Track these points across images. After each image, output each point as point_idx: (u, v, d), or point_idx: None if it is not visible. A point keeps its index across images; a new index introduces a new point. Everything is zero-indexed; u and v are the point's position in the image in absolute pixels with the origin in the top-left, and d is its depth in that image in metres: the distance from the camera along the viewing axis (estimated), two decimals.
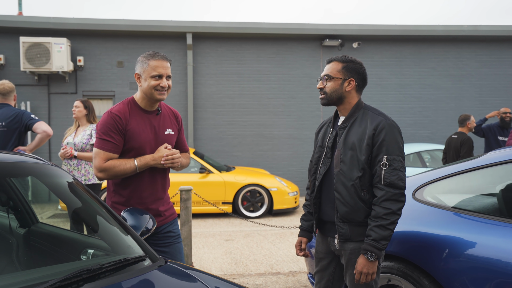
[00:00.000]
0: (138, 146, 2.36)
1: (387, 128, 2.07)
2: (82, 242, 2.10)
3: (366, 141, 2.07)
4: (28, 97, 9.49)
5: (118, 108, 2.38)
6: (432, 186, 2.61)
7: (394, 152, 2.04)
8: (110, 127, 2.31)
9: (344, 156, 2.11)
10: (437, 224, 2.49)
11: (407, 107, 10.71)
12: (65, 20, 9.36)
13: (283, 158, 10.27)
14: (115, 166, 2.30)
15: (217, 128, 10.14)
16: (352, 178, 2.08)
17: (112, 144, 2.31)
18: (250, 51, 10.22)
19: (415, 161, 8.48)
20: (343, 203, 2.10)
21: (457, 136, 6.20)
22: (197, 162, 7.86)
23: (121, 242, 1.76)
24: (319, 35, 10.15)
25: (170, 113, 2.58)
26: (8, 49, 9.45)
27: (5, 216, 2.39)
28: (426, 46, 10.70)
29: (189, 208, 3.95)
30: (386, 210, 2.00)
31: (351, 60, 2.22)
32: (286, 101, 10.29)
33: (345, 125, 2.18)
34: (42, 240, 2.27)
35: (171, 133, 2.51)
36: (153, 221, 2.14)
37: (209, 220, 7.56)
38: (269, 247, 5.72)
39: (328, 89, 2.20)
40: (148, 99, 2.40)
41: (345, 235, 2.12)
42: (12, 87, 4.39)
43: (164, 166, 2.38)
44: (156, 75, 2.34)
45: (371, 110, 2.20)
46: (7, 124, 4.17)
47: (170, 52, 9.94)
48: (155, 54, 2.37)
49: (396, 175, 2.02)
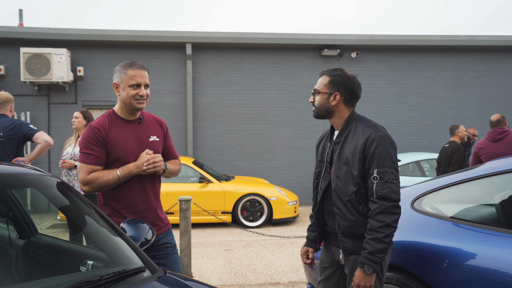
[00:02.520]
0: (122, 155, 2.37)
1: (378, 140, 2.04)
2: (82, 253, 2.10)
3: (358, 155, 2.06)
4: (28, 108, 9.51)
5: (97, 121, 2.41)
6: (431, 196, 2.62)
7: (386, 164, 2.02)
8: (91, 140, 2.34)
9: (339, 172, 2.12)
10: (436, 234, 2.49)
11: (406, 117, 10.74)
12: (65, 31, 9.42)
13: (283, 167, 10.27)
14: (98, 177, 2.31)
15: (216, 138, 10.16)
16: (347, 193, 2.08)
17: (94, 156, 2.33)
18: (249, 61, 10.27)
19: (414, 170, 8.49)
20: (342, 218, 2.10)
21: (449, 145, 6.32)
22: (197, 172, 7.86)
23: (120, 253, 1.77)
24: (318, 45, 10.22)
25: (153, 121, 2.59)
26: (8, 59, 9.49)
27: (4, 227, 2.39)
28: (424, 55, 10.76)
29: (189, 218, 3.94)
30: (380, 223, 1.99)
31: (339, 74, 2.18)
32: (285, 111, 10.33)
33: (339, 140, 2.18)
34: (42, 251, 2.27)
35: (156, 139, 2.52)
36: (153, 232, 2.14)
37: (208, 230, 7.54)
38: (269, 257, 5.71)
39: (316, 103, 2.22)
40: (127, 108, 2.43)
41: (348, 249, 2.12)
42: (9, 98, 4.39)
43: (148, 172, 2.38)
44: (134, 84, 2.36)
45: (363, 122, 2.17)
46: (5, 135, 4.17)
47: (169, 62, 10.00)
48: (133, 63, 2.40)
49: (388, 187, 2.00)
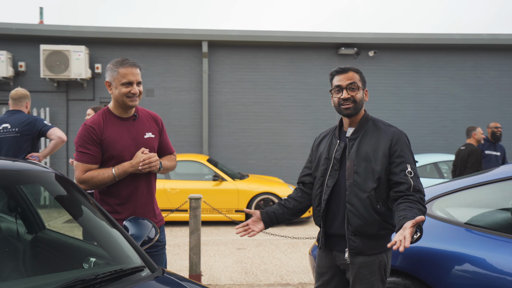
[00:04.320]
0: (117, 153, 2.38)
1: (402, 138, 2.11)
2: (85, 250, 2.10)
3: (382, 151, 2.07)
4: (47, 104, 9.67)
5: (92, 120, 2.42)
6: (442, 200, 2.54)
7: (412, 161, 2.08)
8: (85, 139, 2.35)
9: (358, 167, 2.08)
10: (448, 240, 2.41)
11: (424, 117, 10.54)
12: (83, 28, 9.54)
13: (297, 167, 10.19)
14: (93, 176, 2.33)
15: (231, 136, 10.15)
16: (367, 190, 2.05)
17: (89, 155, 2.35)
18: (265, 59, 10.23)
19: (432, 172, 8.31)
20: (356, 215, 2.05)
21: (465, 148, 6.16)
22: (211, 170, 7.87)
23: (120, 252, 1.76)
24: (335, 43, 10.11)
25: (148, 117, 2.58)
26: (29, 56, 9.66)
27: (13, 222, 2.42)
28: (444, 54, 10.54)
29: (198, 216, 3.94)
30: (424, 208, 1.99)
31: (360, 71, 2.25)
32: (301, 110, 10.26)
33: (355, 136, 2.15)
34: (48, 246, 2.29)
35: (151, 136, 2.51)
36: (156, 230, 2.13)
37: (222, 228, 7.54)
38: (281, 257, 5.67)
39: (357, 98, 2.16)
40: (121, 106, 2.43)
41: (356, 248, 2.06)
42: (25, 94, 4.45)
43: (143, 171, 2.37)
44: (126, 82, 2.36)
45: (380, 121, 2.22)
46: (20, 130, 4.23)
47: (185, 60, 10.03)
48: (124, 61, 2.39)
49: (420, 183, 2.06)
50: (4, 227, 2.39)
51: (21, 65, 9.51)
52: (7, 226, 2.42)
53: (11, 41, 9.58)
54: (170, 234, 6.97)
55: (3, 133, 4.28)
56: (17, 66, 9.54)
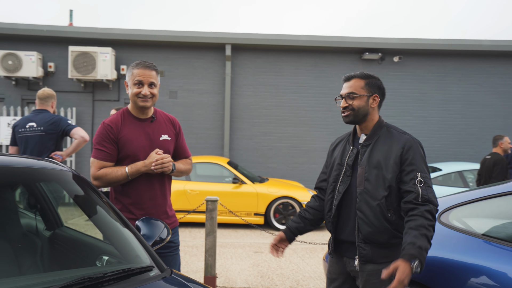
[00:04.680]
0: (132, 153, 2.43)
1: (415, 146, 2.05)
2: (100, 249, 2.15)
3: (393, 159, 2.03)
4: (74, 104, 9.93)
5: (111, 119, 2.48)
6: (459, 210, 2.48)
7: (424, 169, 2.02)
8: (103, 137, 2.42)
9: (369, 175, 2.06)
10: (465, 251, 2.35)
11: (451, 124, 10.31)
12: (110, 30, 9.76)
13: (318, 171, 10.12)
14: (107, 174, 2.39)
15: (253, 139, 10.18)
16: (377, 198, 2.02)
17: (105, 153, 2.41)
18: (288, 63, 10.23)
19: (457, 181, 8.12)
20: (366, 223, 2.03)
21: (491, 157, 5.98)
22: (231, 172, 7.90)
23: (130, 251, 1.79)
24: (359, 48, 10.02)
25: (166, 120, 2.62)
26: (58, 57, 9.95)
27: (33, 218, 2.50)
28: (472, 61, 10.29)
29: (215, 218, 3.96)
30: (430, 222, 1.91)
31: (372, 76, 2.20)
32: (323, 114, 10.19)
33: (368, 143, 2.13)
34: (64, 243, 2.34)
35: (167, 138, 2.55)
36: (168, 230, 2.16)
37: (240, 230, 7.56)
38: (298, 261, 5.64)
39: (355, 106, 2.16)
40: (135, 106, 2.49)
41: (366, 256, 2.04)
42: (51, 94, 4.58)
43: (155, 172, 2.41)
44: (137, 83, 2.41)
45: (394, 128, 2.18)
46: (46, 129, 4.36)
47: (209, 63, 10.12)
48: (139, 63, 2.45)
49: (431, 192, 1.99)
50: (24, 223, 2.46)
51: (50, 65, 9.80)
52: (28, 222, 2.49)
53: (42, 42, 9.89)
54: (189, 236, 7.03)
55: (29, 131, 4.41)
56: (46, 66, 9.84)
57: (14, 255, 1.99)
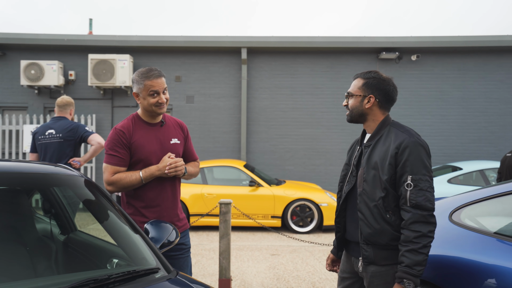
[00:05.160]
0: (145, 157, 2.47)
1: (411, 146, 1.96)
2: (110, 252, 2.20)
3: (388, 160, 1.98)
4: (94, 110, 10.14)
5: (122, 124, 2.52)
6: (471, 208, 2.43)
7: (420, 171, 1.93)
8: (115, 142, 2.45)
9: (367, 176, 2.05)
10: (478, 250, 2.31)
11: (471, 122, 10.10)
12: (128, 38, 9.93)
13: (336, 173, 10.06)
14: (121, 179, 2.43)
15: (269, 142, 10.19)
16: (374, 199, 2.00)
17: (118, 158, 2.45)
18: (304, 65, 10.21)
19: (478, 180, 7.95)
20: (366, 224, 2.02)
21: (511, 154, 5.78)
22: (247, 175, 7.93)
23: (138, 253, 1.83)
24: (376, 48, 9.93)
25: (175, 124, 2.68)
26: (78, 65, 10.19)
27: (48, 222, 2.57)
28: (493, 57, 10.07)
29: (228, 221, 3.99)
30: (416, 233, 1.89)
31: (374, 77, 2.13)
32: (340, 115, 10.12)
33: (370, 143, 2.12)
34: (77, 247, 2.40)
35: (177, 142, 2.61)
36: (177, 233, 2.19)
37: (257, 233, 7.56)
38: (314, 263, 5.61)
39: (350, 106, 2.18)
40: (150, 114, 2.53)
41: (368, 258, 2.03)
42: (70, 102, 4.70)
43: (168, 175, 2.45)
44: (153, 93, 2.45)
45: (397, 127, 2.10)
46: (64, 136, 4.47)
47: (225, 67, 10.19)
48: (149, 73, 2.46)
49: (423, 195, 1.90)
50: (40, 227, 2.54)
51: (71, 74, 10.04)
52: (43, 227, 2.57)
53: (63, 51, 10.14)
54: (207, 239, 7.08)
55: (49, 138, 4.54)
56: (67, 75, 10.08)
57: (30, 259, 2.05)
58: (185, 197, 7.50)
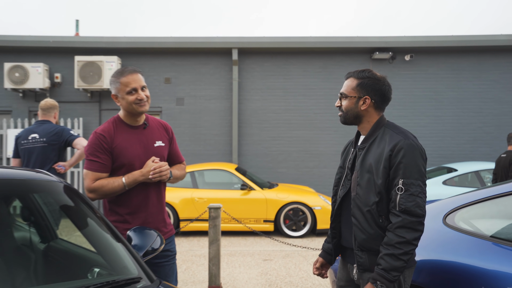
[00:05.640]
0: (128, 162, 2.40)
1: (406, 148, 1.91)
2: (92, 260, 2.14)
3: (383, 163, 1.94)
4: (81, 114, 10.03)
5: (103, 127, 2.44)
6: (465, 211, 2.41)
7: (412, 175, 1.89)
8: (96, 147, 2.38)
9: (360, 179, 2.01)
10: (473, 255, 2.28)
11: (466, 123, 10.14)
12: (116, 39, 9.86)
13: (330, 176, 10.04)
14: (103, 185, 2.35)
15: (262, 144, 10.15)
16: (368, 203, 1.96)
17: (99, 164, 2.37)
18: (297, 66, 10.19)
19: (474, 181, 7.97)
20: (360, 229, 1.99)
21: (506, 155, 5.83)
22: (239, 179, 7.88)
23: (119, 262, 1.77)
24: (369, 48, 9.94)
25: (158, 125, 2.60)
26: (64, 68, 10.08)
27: (27, 230, 2.50)
28: (487, 57, 10.12)
29: (218, 226, 3.93)
30: (400, 239, 1.86)
31: (368, 76, 2.08)
32: (333, 117, 10.12)
33: (364, 146, 2.08)
34: (57, 256, 2.34)
35: (162, 144, 2.54)
36: (161, 240, 2.14)
37: (249, 238, 7.51)
38: (308, 269, 5.57)
39: (344, 107, 2.12)
40: (131, 115, 2.45)
41: (363, 264, 2.00)
42: (54, 105, 4.63)
43: (153, 180, 2.39)
44: (130, 90, 2.38)
45: (392, 128, 2.06)
46: (48, 140, 4.39)
47: (215, 68, 10.15)
48: (123, 70, 2.41)
49: (413, 201, 1.87)
50: (19, 236, 2.47)
51: (57, 76, 9.93)
52: (22, 235, 2.50)
53: (48, 53, 10.03)
54: (197, 244, 7.01)
55: (32, 143, 4.46)
56: (53, 77, 9.97)
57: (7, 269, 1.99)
58: (175, 202, 7.43)
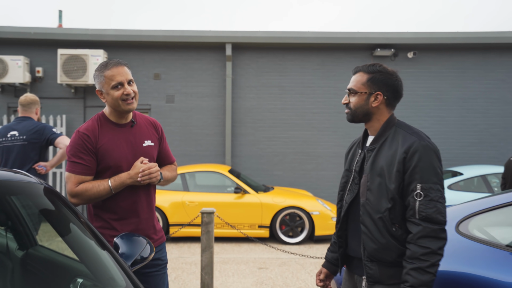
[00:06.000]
0: (114, 163, 2.30)
1: (421, 150, 1.85)
2: (75, 270, 2.05)
3: (396, 166, 1.87)
4: (64, 111, 9.90)
5: (86, 126, 2.35)
6: (480, 218, 2.35)
7: (431, 179, 1.83)
8: (79, 148, 2.28)
9: (371, 184, 1.94)
10: (489, 265, 2.22)
11: (471, 124, 10.15)
12: (102, 31, 9.74)
13: (328, 179, 10.01)
14: (87, 189, 2.25)
15: (256, 145, 10.08)
16: (380, 210, 1.89)
17: (83, 165, 2.27)
18: (294, 62, 10.14)
19: (480, 186, 7.96)
20: (370, 238, 1.92)
21: None
22: (232, 181, 7.80)
23: (105, 273, 1.69)
24: (370, 44, 9.91)
25: (147, 123, 2.51)
26: (47, 61, 9.94)
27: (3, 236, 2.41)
28: (493, 55, 10.14)
29: (211, 232, 3.86)
30: (424, 249, 1.79)
31: (379, 70, 2.02)
32: (332, 116, 10.08)
33: (374, 147, 2.01)
34: (37, 265, 2.25)
35: (151, 144, 2.44)
36: (151, 247, 2.06)
37: (243, 244, 7.44)
38: (306, 278, 5.51)
39: (352, 104, 2.04)
40: (117, 112, 2.36)
41: (374, 276, 1.93)
42: (35, 100, 4.52)
43: (142, 183, 2.30)
44: (115, 85, 2.28)
45: (404, 128, 1.99)
46: (28, 138, 4.29)
47: (208, 64, 10.07)
48: (108, 63, 2.32)
49: (434, 207, 1.81)
50: None
51: (38, 70, 9.79)
52: None
53: (29, 45, 9.89)
54: (188, 251, 6.93)
55: (11, 141, 4.35)
56: (34, 71, 9.83)
57: None
58: (164, 206, 7.33)
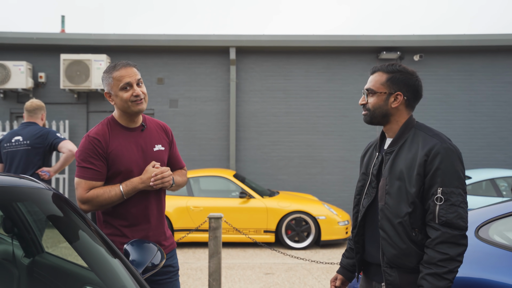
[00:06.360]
0: (125, 168, 2.26)
1: (443, 153, 1.81)
2: (84, 278, 2.01)
3: (416, 169, 1.83)
4: (67, 116, 9.89)
5: (96, 130, 2.31)
6: (501, 223, 2.30)
7: (452, 183, 1.78)
8: (89, 153, 2.24)
9: (390, 188, 1.89)
10: (509, 271, 2.17)
11: (479, 127, 10.09)
12: (105, 36, 9.74)
13: (334, 183, 9.96)
14: (98, 195, 2.20)
15: (261, 149, 10.04)
16: (400, 215, 1.84)
17: (93, 171, 2.23)
18: (298, 66, 10.12)
19: (489, 190, 7.89)
20: (390, 244, 1.87)
21: None
22: (237, 186, 7.76)
23: (116, 280, 1.65)
24: (375, 47, 9.88)
25: (157, 127, 2.48)
26: (49, 67, 9.94)
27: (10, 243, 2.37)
28: (502, 57, 10.09)
29: (219, 237, 3.81)
30: (442, 256, 1.75)
31: (399, 70, 1.98)
32: (338, 120, 10.04)
33: (392, 149, 1.96)
34: (44, 273, 2.21)
35: (161, 148, 2.41)
36: (162, 254, 2.02)
37: (249, 250, 7.38)
38: (313, 283, 5.45)
39: (370, 105, 1.99)
40: (127, 115, 2.32)
41: (393, 283, 1.87)
42: (40, 105, 4.52)
43: (154, 188, 2.26)
44: (124, 86, 2.26)
45: (424, 130, 1.95)
46: (32, 143, 4.27)
47: (212, 68, 10.05)
48: (116, 64, 2.30)
49: (455, 212, 1.76)
50: (0, 249, 2.34)
51: (41, 76, 9.79)
52: (4, 248, 2.36)
53: (32, 51, 9.90)
54: (193, 257, 6.88)
55: (15, 146, 4.33)
56: (37, 77, 9.83)
57: None
58: (168, 211, 7.28)
